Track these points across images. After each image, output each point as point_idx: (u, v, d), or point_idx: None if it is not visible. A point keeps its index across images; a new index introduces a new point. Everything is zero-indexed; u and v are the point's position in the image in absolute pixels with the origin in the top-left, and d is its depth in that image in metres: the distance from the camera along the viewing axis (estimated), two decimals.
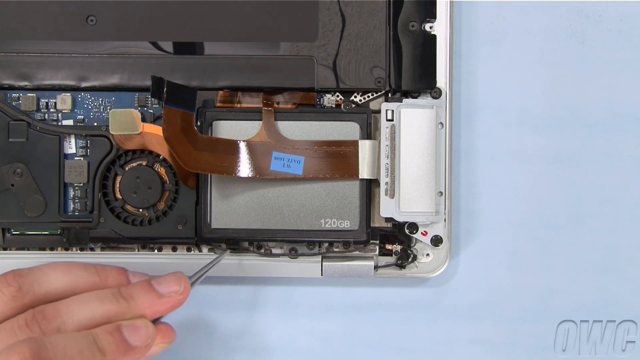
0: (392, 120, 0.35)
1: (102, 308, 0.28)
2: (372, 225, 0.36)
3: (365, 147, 0.36)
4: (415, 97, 0.36)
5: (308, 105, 0.37)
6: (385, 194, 0.35)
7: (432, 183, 0.35)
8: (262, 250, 0.37)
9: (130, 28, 0.36)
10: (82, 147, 0.37)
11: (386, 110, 0.35)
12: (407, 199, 0.35)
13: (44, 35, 0.36)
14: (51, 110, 0.37)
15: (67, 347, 0.26)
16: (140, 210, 0.37)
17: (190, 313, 0.38)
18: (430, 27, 0.36)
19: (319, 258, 0.37)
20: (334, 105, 0.37)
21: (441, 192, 0.36)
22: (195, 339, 0.38)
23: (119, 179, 0.37)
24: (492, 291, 0.39)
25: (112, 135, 0.36)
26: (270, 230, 0.36)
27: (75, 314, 0.28)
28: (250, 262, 0.37)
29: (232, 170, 0.35)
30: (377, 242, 0.37)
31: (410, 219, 0.36)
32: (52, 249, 0.37)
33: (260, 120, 0.36)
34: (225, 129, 0.36)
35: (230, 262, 0.36)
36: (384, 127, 0.35)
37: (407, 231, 0.36)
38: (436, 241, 0.36)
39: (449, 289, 0.39)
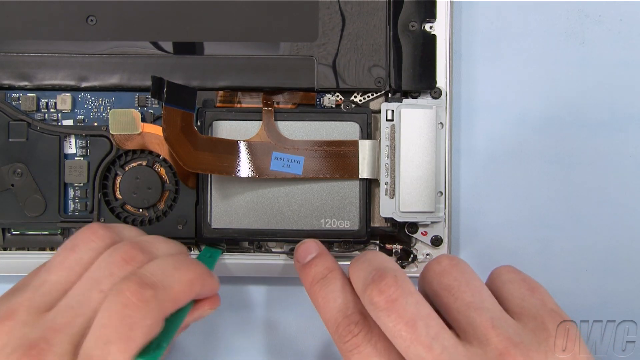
0: (392, 120, 0.35)
1: (177, 247, 0.32)
2: (372, 225, 0.36)
3: (365, 147, 0.36)
4: (415, 97, 0.36)
5: (308, 105, 0.37)
6: (385, 194, 0.35)
7: (432, 183, 0.35)
8: (262, 250, 0.37)
9: (130, 28, 0.36)
10: (82, 147, 0.37)
11: (386, 110, 0.35)
12: (407, 199, 0.35)
13: (44, 35, 0.36)
14: (51, 110, 0.37)
15: (164, 268, 0.28)
16: (140, 210, 0.37)
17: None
18: (430, 27, 0.36)
19: None
20: (334, 105, 0.37)
21: (441, 192, 0.36)
22: (195, 339, 0.38)
23: (119, 179, 0.37)
24: None
25: (112, 135, 0.36)
26: (270, 230, 0.36)
27: (160, 249, 0.31)
28: (250, 262, 0.37)
29: (232, 170, 0.35)
30: (377, 242, 0.37)
31: (410, 219, 0.36)
32: (52, 249, 0.37)
33: (260, 120, 0.36)
34: (225, 129, 0.36)
35: (230, 262, 0.36)
36: (384, 127, 0.35)
37: (407, 231, 0.36)
38: (436, 241, 0.36)
39: None
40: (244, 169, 0.35)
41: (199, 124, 0.36)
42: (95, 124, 0.37)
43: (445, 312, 0.28)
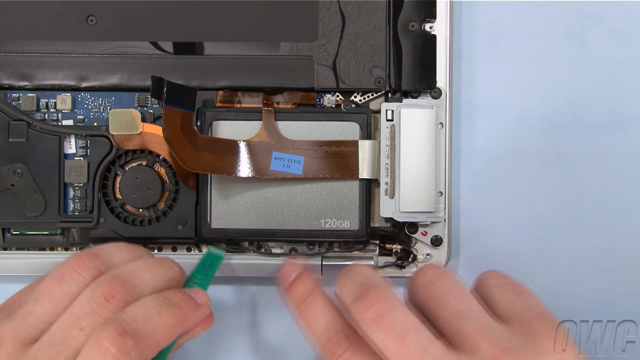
0: (392, 120, 0.35)
1: (167, 274, 0.31)
2: (372, 225, 0.36)
3: (365, 147, 0.36)
4: (415, 97, 0.36)
5: (308, 105, 0.37)
6: (385, 194, 0.35)
7: (432, 183, 0.35)
8: (262, 250, 0.37)
9: (130, 28, 0.36)
10: (82, 147, 0.37)
11: (386, 110, 0.35)
12: (407, 199, 0.35)
13: (44, 35, 0.36)
14: (51, 110, 0.37)
15: (146, 313, 0.28)
16: (140, 210, 0.37)
17: None
18: (430, 27, 0.36)
19: (319, 258, 0.37)
20: (334, 105, 0.37)
21: (441, 192, 0.36)
22: (195, 339, 0.38)
23: (119, 179, 0.37)
24: None
25: (112, 135, 0.36)
26: (270, 230, 0.36)
27: (145, 282, 0.30)
28: (250, 262, 0.37)
29: (232, 170, 0.35)
30: (377, 242, 0.37)
31: (410, 219, 0.36)
32: (52, 249, 0.37)
33: (260, 120, 0.36)
34: (225, 129, 0.36)
35: (230, 262, 0.36)
36: (384, 127, 0.35)
37: (407, 231, 0.36)
38: (436, 241, 0.36)
39: None
40: (244, 169, 0.35)
41: (199, 124, 0.36)
42: (95, 124, 0.37)
43: (434, 322, 0.28)
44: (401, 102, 0.36)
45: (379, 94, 0.37)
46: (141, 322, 0.27)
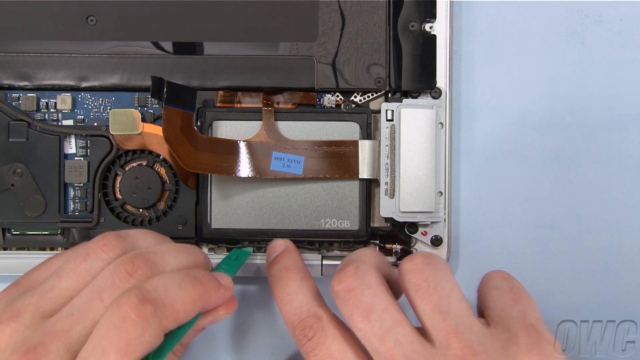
0: (392, 120, 0.35)
1: (190, 258, 0.31)
2: (372, 225, 0.36)
3: (365, 147, 0.36)
4: (415, 97, 0.36)
5: (308, 105, 0.37)
6: (385, 194, 0.35)
7: (432, 183, 0.35)
8: (263, 251, 0.37)
9: (130, 28, 0.36)
10: (82, 147, 0.37)
11: (386, 110, 0.35)
12: (407, 199, 0.35)
13: (44, 35, 0.36)
14: (51, 110, 0.37)
15: (167, 283, 0.28)
16: (140, 210, 0.37)
17: None
18: (430, 27, 0.36)
19: (319, 258, 0.37)
20: (334, 105, 0.37)
21: (441, 192, 0.36)
22: (195, 339, 0.38)
23: (119, 179, 0.37)
24: None
25: (112, 135, 0.36)
26: (270, 230, 0.36)
27: (169, 262, 0.30)
28: (250, 262, 0.37)
29: (232, 170, 0.35)
30: (377, 242, 0.37)
31: (410, 219, 0.36)
32: (52, 249, 0.37)
33: (260, 120, 0.36)
34: (225, 129, 0.36)
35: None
36: (384, 127, 0.35)
37: (407, 231, 0.36)
38: (436, 241, 0.36)
39: None
40: (244, 169, 0.35)
41: (199, 124, 0.36)
42: (95, 124, 0.37)
43: (413, 310, 0.28)
44: (401, 102, 0.36)
45: (379, 94, 0.37)
46: (162, 291, 0.27)
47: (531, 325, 0.27)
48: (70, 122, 0.37)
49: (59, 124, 0.37)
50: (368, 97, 0.37)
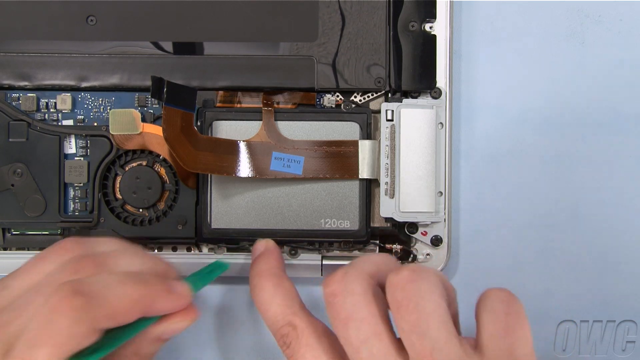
0: (392, 120, 0.35)
1: (146, 264, 0.30)
2: (372, 225, 0.36)
3: (365, 147, 0.36)
4: (415, 97, 0.36)
5: (308, 105, 0.37)
6: (385, 194, 0.35)
7: (432, 183, 0.35)
8: None
9: (130, 28, 0.36)
10: (82, 147, 0.37)
11: (386, 110, 0.35)
12: (407, 199, 0.35)
13: (44, 35, 0.36)
14: (51, 110, 0.37)
15: (107, 279, 0.27)
16: (140, 210, 0.37)
17: None
18: (430, 27, 0.36)
19: (319, 258, 0.37)
20: (334, 105, 0.37)
21: (441, 192, 0.36)
22: (194, 339, 0.38)
23: (119, 179, 0.37)
24: None
25: (112, 135, 0.36)
26: (270, 230, 0.36)
27: (119, 265, 0.29)
28: (250, 263, 0.37)
29: (232, 170, 0.35)
30: (377, 242, 0.37)
31: (410, 219, 0.36)
32: None
33: (260, 120, 0.36)
34: (225, 129, 0.36)
35: (230, 262, 0.36)
36: (384, 127, 0.35)
37: (407, 231, 0.36)
38: (436, 241, 0.36)
39: None
40: (244, 169, 0.35)
41: (199, 124, 0.36)
42: (95, 124, 0.37)
43: (396, 327, 0.27)
44: (401, 102, 0.36)
45: (379, 94, 0.37)
46: (98, 286, 0.27)
47: None
48: (70, 122, 0.37)
49: (59, 124, 0.37)
50: (368, 97, 0.37)
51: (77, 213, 0.37)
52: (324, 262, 0.37)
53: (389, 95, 0.37)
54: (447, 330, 0.25)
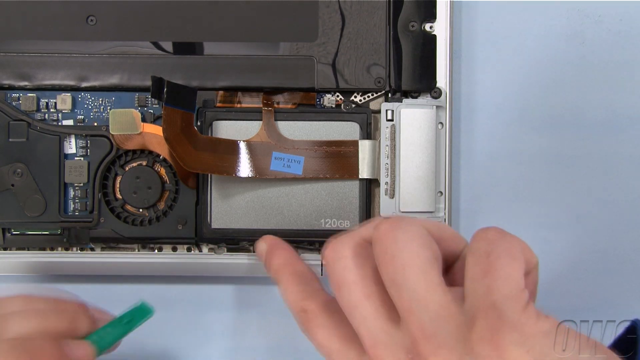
0: (392, 120, 0.35)
1: (43, 325, 0.28)
2: None
3: (365, 147, 0.36)
4: (415, 97, 0.36)
5: (308, 105, 0.37)
6: (385, 194, 0.35)
7: (432, 183, 0.35)
8: None
9: (130, 28, 0.36)
10: (82, 147, 0.37)
11: (386, 110, 0.35)
12: (407, 199, 0.35)
13: (44, 35, 0.36)
14: (51, 110, 0.37)
15: None
16: (140, 210, 0.37)
17: (190, 313, 0.38)
18: (430, 27, 0.36)
19: (319, 258, 0.37)
20: (334, 105, 0.37)
21: (441, 192, 0.36)
22: (194, 339, 0.38)
23: (119, 179, 0.37)
24: None
25: (112, 135, 0.36)
26: (270, 230, 0.36)
27: (11, 329, 0.28)
28: (250, 262, 0.37)
29: (232, 170, 0.35)
30: None
31: None
32: (52, 249, 0.37)
33: (260, 120, 0.36)
34: (225, 129, 0.36)
35: (231, 262, 0.36)
36: (384, 127, 0.35)
37: None
38: None
39: None
40: (244, 169, 0.35)
41: (199, 124, 0.36)
42: (95, 124, 0.37)
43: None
44: (401, 102, 0.36)
45: (379, 94, 0.37)
46: None
47: (493, 305, 0.22)
48: (70, 122, 0.37)
49: (59, 124, 0.37)
50: (368, 97, 0.37)
51: (77, 213, 0.37)
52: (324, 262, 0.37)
53: (389, 95, 0.37)
54: (427, 280, 0.23)
